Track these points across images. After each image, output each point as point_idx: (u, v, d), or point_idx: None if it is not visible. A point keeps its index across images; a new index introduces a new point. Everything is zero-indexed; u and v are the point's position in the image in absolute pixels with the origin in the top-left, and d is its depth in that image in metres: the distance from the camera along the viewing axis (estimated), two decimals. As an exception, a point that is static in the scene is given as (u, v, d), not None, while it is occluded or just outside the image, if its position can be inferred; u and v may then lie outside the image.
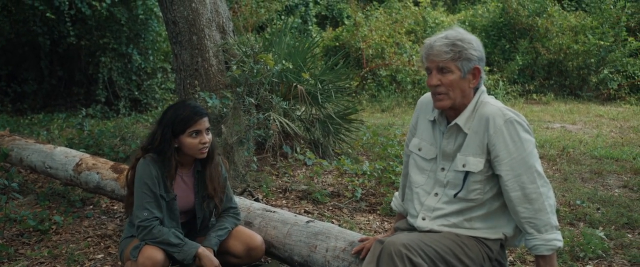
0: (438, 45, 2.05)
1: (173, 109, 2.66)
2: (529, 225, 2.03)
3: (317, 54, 7.18)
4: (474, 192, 2.09)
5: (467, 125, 2.09)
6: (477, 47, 2.07)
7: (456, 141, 2.13)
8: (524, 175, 2.00)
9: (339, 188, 4.66)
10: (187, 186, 2.76)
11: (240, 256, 2.78)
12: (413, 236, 2.00)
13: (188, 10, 5.23)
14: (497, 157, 2.03)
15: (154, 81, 9.91)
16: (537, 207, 2.01)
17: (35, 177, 5.04)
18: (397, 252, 1.86)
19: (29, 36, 9.43)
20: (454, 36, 2.05)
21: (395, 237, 1.94)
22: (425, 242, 1.97)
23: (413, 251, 1.88)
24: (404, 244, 1.88)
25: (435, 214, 2.14)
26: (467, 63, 2.04)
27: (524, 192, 2.00)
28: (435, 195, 2.17)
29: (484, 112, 2.06)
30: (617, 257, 3.29)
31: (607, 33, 11.48)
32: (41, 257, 3.28)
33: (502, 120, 2.02)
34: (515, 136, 2.01)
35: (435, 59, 2.05)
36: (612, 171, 5.37)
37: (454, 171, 2.12)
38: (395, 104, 10.48)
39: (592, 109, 9.76)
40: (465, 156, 2.09)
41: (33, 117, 8.80)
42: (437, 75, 2.06)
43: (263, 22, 11.67)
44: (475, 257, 2.06)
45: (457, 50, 2.03)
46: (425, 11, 13.03)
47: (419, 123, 2.31)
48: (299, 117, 5.64)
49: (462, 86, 2.07)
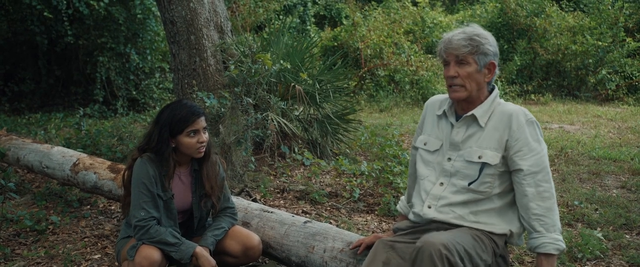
0: (456, 39, 2.13)
1: (170, 109, 2.65)
2: (539, 222, 2.07)
3: (315, 54, 7.17)
4: (485, 185, 2.14)
5: (483, 119, 2.17)
6: (492, 43, 2.16)
7: (467, 130, 2.19)
8: (541, 173, 2.09)
9: (337, 188, 4.65)
10: (184, 185, 2.75)
11: (238, 256, 2.77)
12: (446, 234, 2.00)
13: (186, 10, 5.21)
14: (520, 152, 2.10)
15: (151, 81, 9.90)
16: (548, 205, 2.08)
17: (33, 177, 5.03)
18: (438, 253, 1.87)
19: (27, 35, 9.41)
20: (472, 31, 2.15)
21: (432, 237, 1.93)
22: (456, 239, 1.99)
23: (451, 251, 1.90)
24: (444, 245, 1.89)
25: (441, 202, 2.17)
26: (483, 57, 2.13)
27: (538, 189, 2.08)
28: (441, 184, 2.21)
29: (505, 110, 2.16)
30: (615, 258, 3.29)
31: (605, 34, 11.50)
32: (38, 258, 3.26)
33: (524, 119, 2.13)
34: (536, 136, 2.13)
35: (453, 51, 2.13)
36: (610, 171, 5.38)
37: (466, 161, 2.16)
38: (394, 104, 10.48)
39: (590, 110, 9.77)
40: (482, 149, 2.15)
41: (30, 117, 8.78)
42: (454, 67, 2.14)
43: (261, 22, 11.66)
44: (489, 252, 2.09)
45: (474, 45, 2.11)
46: (423, 11, 13.03)
47: (426, 121, 2.38)
48: (297, 117, 5.64)
49: (478, 79, 2.15)
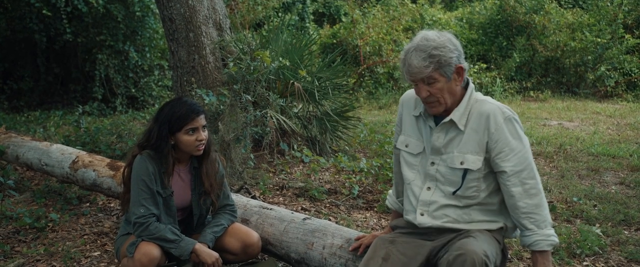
0: (415, 61, 2.02)
1: (169, 106, 2.65)
2: (529, 220, 2.05)
3: (314, 51, 7.17)
4: (471, 190, 2.11)
5: (462, 122, 2.10)
6: (452, 47, 2.04)
7: (447, 135, 2.14)
8: (525, 171, 2.05)
9: (336, 185, 4.66)
10: (184, 183, 2.75)
11: (237, 253, 2.77)
12: (481, 240, 2.01)
13: (185, 7, 5.21)
14: (501, 154, 2.05)
15: (150, 78, 9.89)
16: (536, 202, 2.05)
17: (32, 174, 5.03)
18: (480, 261, 1.89)
19: (25, 33, 9.39)
20: (427, 46, 2.02)
21: (472, 244, 1.94)
22: (490, 247, 2.02)
23: (490, 258, 1.93)
24: (485, 252, 1.93)
25: (433, 207, 2.15)
26: (448, 67, 2.04)
27: (525, 187, 2.05)
28: (428, 189, 2.18)
29: (483, 110, 2.08)
30: (613, 254, 3.30)
31: (604, 30, 11.50)
32: (37, 255, 3.27)
33: (502, 118, 2.06)
34: (515, 133, 2.06)
35: (418, 75, 2.04)
36: (609, 167, 5.39)
37: (449, 167, 2.12)
38: (393, 101, 10.48)
39: (589, 106, 9.77)
40: (463, 154, 2.10)
41: (29, 115, 8.77)
42: (424, 87, 2.06)
43: (260, 19, 11.65)
44: (496, 250, 2.10)
45: (435, 60, 2.01)
46: (422, 8, 13.02)
47: (404, 120, 2.32)
48: (296, 115, 5.64)
49: (451, 88, 2.08)
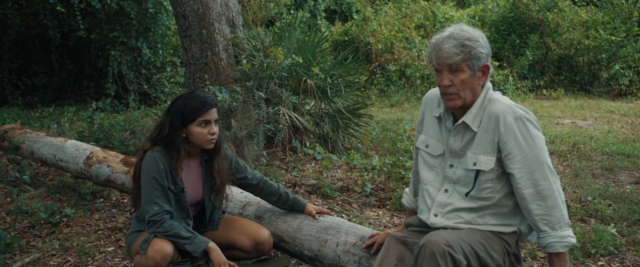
0: (447, 46, 1.99)
1: (183, 99, 2.65)
2: (543, 222, 2.00)
3: (326, 48, 7.16)
4: (486, 191, 2.08)
5: (475, 123, 2.08)
6: (484, 44, 2.03)
7: (463, 138, 2.11)
8: (537, 172, 1.99)
9: (349, 183, 4.65)
10: (195, 177, 2.75)
11: (248, 251, 2.77)
12: (451, 232, 1.98)
13: (198, 4, 5.22)
14: (509, 155, 2.01)
15: (163, 75, 9.94)
16: (550, 204, 1.99)
17: (46, 170, 5.08)
18: (441, 251, 1.84)
19: (40, 29, 9.48)
20: (461, 35, 2.00)
21: (435, 235, 1.91)
22: (461, 238, 1.96)
23: (455, 249, 1.87)
24: (447, 242, 1.86)
25: (447, 209, 2.13)
26: (477, 61, 2.01)
27: (537, 189, 1.99)
28: (446, 191, 2.15)
29: (493, 110, 2.05)
30: (629, 254, 3.27)
31: (618, 28, 11.38)
32: (52, 250, 3.30)
33: (512, 118, 2.00)
34: (526, 133, 2.00)
35: (445, 61, 2.00)
36: (624, 167, 5.33)
37: (464, 169, 2.10)
38: (404, 99, 10.45)
39: (603, 105, 9.68)
40: (475, 155, 2.07)
41: (43, 111, 8.85)
42: (448, 75, 2.02)
43: (272, 16, 11.67)
44: (500, 252, 2.06)
45: (466, 51, 1.98)
46: (434, 6, 12.96)
47: (425, 119, 2.30)
48: (309, 112, 5.64)
49: (473, 85, 2.04)
